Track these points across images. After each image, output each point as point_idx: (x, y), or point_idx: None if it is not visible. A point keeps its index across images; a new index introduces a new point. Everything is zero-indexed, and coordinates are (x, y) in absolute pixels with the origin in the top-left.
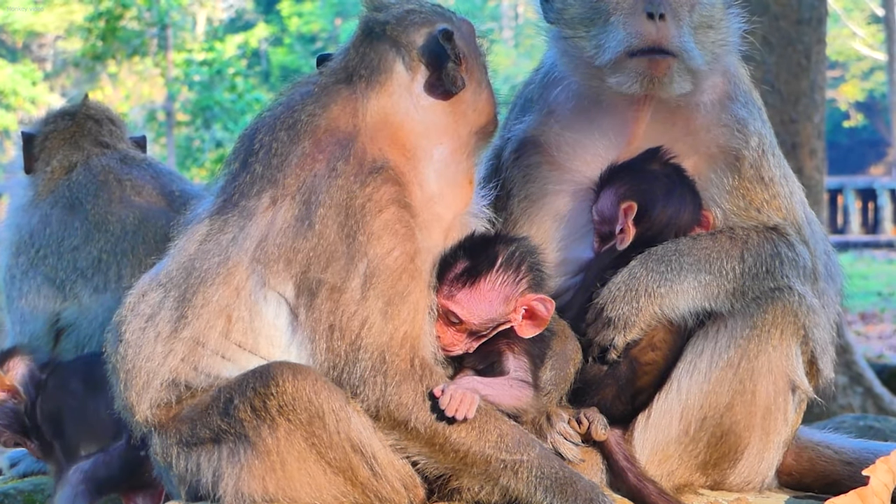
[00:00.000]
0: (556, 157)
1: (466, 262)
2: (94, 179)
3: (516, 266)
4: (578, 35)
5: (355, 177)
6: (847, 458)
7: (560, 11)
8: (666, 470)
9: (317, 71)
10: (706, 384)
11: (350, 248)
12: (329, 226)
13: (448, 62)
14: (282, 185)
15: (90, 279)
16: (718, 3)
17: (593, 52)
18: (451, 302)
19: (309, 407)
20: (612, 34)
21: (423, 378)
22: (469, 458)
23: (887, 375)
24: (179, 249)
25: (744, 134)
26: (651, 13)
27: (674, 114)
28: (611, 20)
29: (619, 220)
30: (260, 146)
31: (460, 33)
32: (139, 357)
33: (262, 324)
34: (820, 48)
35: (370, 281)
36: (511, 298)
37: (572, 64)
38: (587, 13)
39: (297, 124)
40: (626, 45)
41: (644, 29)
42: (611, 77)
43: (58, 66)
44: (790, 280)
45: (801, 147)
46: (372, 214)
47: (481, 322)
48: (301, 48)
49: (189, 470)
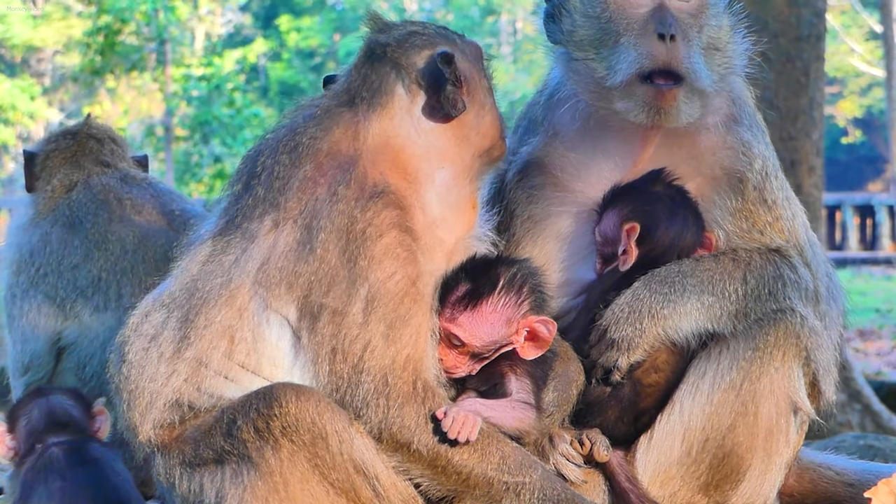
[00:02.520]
0: (560, 177)
1: (468, 285)
2: (94, 198)
3: (518, 288)
4: (589, 57)
5: (356, 202)
6: (849, 480)
7: (569, 33)
8: (668, 491)
9: (321, 93)
10: (708, 406)
11: (351, 272)
12: (330, 250)
13: (447, 85)
14: (284, 208)
15: (90, 298)
16: (725, 24)
17: (604, 74)
18: (453, 325)
19: (312, 428)
20: (623, 55)
21: (426, 400)
22: (471, 480)
23: (885, 392)
24: (182, 270)
25: (748, 157)
26: (662, 34)
27: (680, 136)
28: (621, 41)
29: (621, 242)
30: (262, 169)
31: (464, 56)
32: (142, 377)
33: (265, 345)
34: (819, 65)
35: (371, 305)
36: (513, 320)
37: (582, 84)
38: (597, 34)
39: (299, 147)
40: (638, 65)
41: (655, 50)
42: (620, 101)
43: (56, 80)
44: (792, 302)
45: (800, 164)
46: (373, 239)
47: (483, 344)
48: (299, 63)
49: (192, 491)
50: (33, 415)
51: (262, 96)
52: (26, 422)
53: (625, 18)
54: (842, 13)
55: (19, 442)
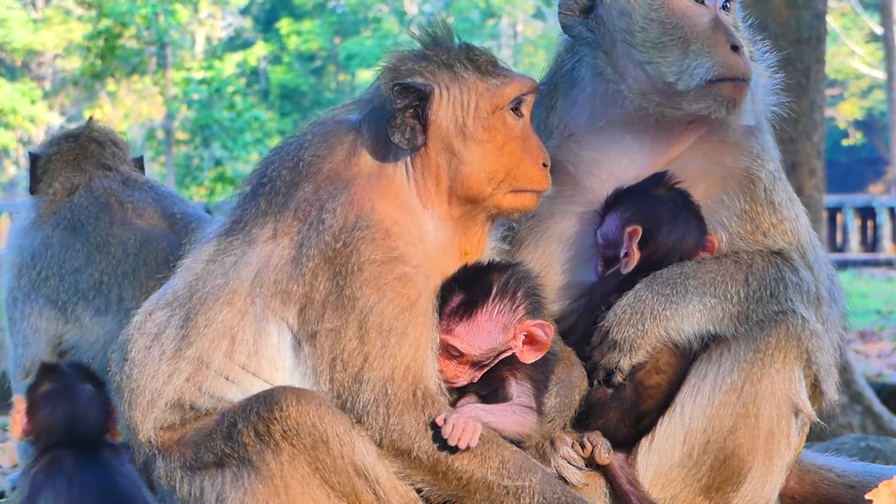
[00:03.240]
0: (573, 173)
1: (462, 295)
2: (95, 202)
3: (512, 293)
4: (653, 60)
5: (339, 233)
6: (850, 482)
7: (627, 33)
8: (669, 494)
9: (344, 104)
10: (709, 408)
11: (340, 298)
12: (319, 277)
13: (394, 115)
14: (282, 221)
15: (91, 301)
16: (746, 34)
17: (675, 78)
18: (450, 336)
19: (313, 432)
20: (696, 61)
21: (426, 408)
22: (472, 485)
23: (886, 394)
24: (187, 268)
25: (762, 159)
26: (735, 46)
27: (702, 143)
28: (691, 48)
29: (623, 244)
30: (268, 180)
31: (447, 94)
32: (144, 376)
33: (266, 347)
34: (819, 67)
35: (365, 327)
36: (509, 326)
37: (635, 84)
38: (660, 38)
39: (300, 164)
40: (716, 73)
41: (731, 60)
42: (692, 103)
43: (57, 84)
44: (794, 304)
45: (801, 166)
46: (354, 273)
47: (482, 353)
48: (300, 66)
49: (193, 494)
50: (56, 415)
51: (262, 99)
52: (48, 417)
53: (690, 27)
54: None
55: (33, 430)
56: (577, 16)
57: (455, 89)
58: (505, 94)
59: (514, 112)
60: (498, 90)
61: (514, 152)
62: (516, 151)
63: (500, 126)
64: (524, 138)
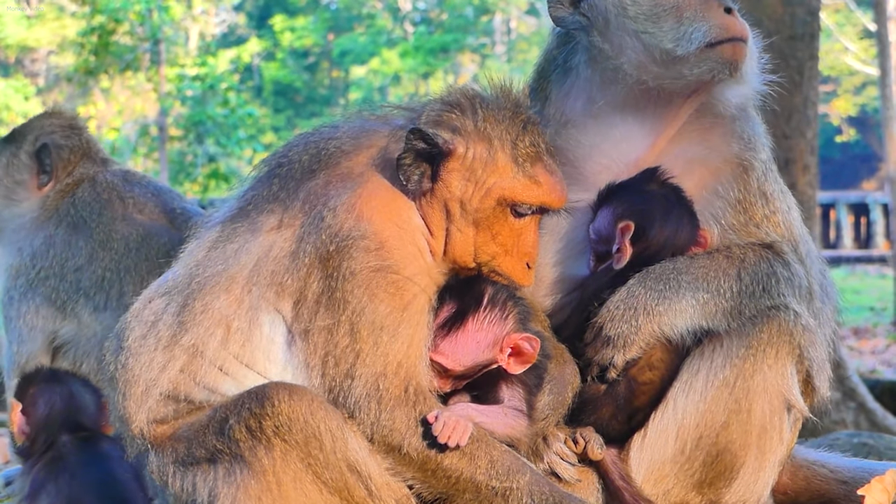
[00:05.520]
0: (572, 160)
1: (445, 313)
2: (98, 197)
3: (500, 308)
4: (648, 30)
5: (335, 235)
6: (842, 478)
7: (620, 7)
8: (662, 489)
9: (399, 105)
10: (702, 403)
11: (331, 299)
12: (312, 276)
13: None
14: (290, 210)
15: (92, 298)
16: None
17: (672, 45)
18: (435, 354)
19: (305, 427)
20: (691, 27)
21: (417, 404)
22: (461, 483)
23: (880, 391)
24: (189, 254)
25: (754, 148)
26: (729, 8)
27: (696, 124)
28: (685, 15)
29: (615, 240)
30: (287, 161)
31: (467, 162)
32: (139, 364)
33: (260, 338)
34: (813, 64)
35: (356, 328)
36: (496, 342)
37: (633, 57)
38: (653, 9)
39: (322, 153)
40: (712, 36)
41: (727, 21)
42: (692, 67)
43: (50, 81)
44: (786, 298)
45: (794, 163)
46: (346, 278)
47: (467, 368)
48: (294, 63)
49: (185, 489)
50: (55, 406)
51: (256, 96)
52: (46, 410)
53: None
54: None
55: (33, 428)
56: (568, 7)
57: (478, 164)
58: (521, 197)
59: (522, 215)
60: (518, 188)
61: (504, 244)
62: (507, 244)
63: (500, 217)
64: (520, 235)
